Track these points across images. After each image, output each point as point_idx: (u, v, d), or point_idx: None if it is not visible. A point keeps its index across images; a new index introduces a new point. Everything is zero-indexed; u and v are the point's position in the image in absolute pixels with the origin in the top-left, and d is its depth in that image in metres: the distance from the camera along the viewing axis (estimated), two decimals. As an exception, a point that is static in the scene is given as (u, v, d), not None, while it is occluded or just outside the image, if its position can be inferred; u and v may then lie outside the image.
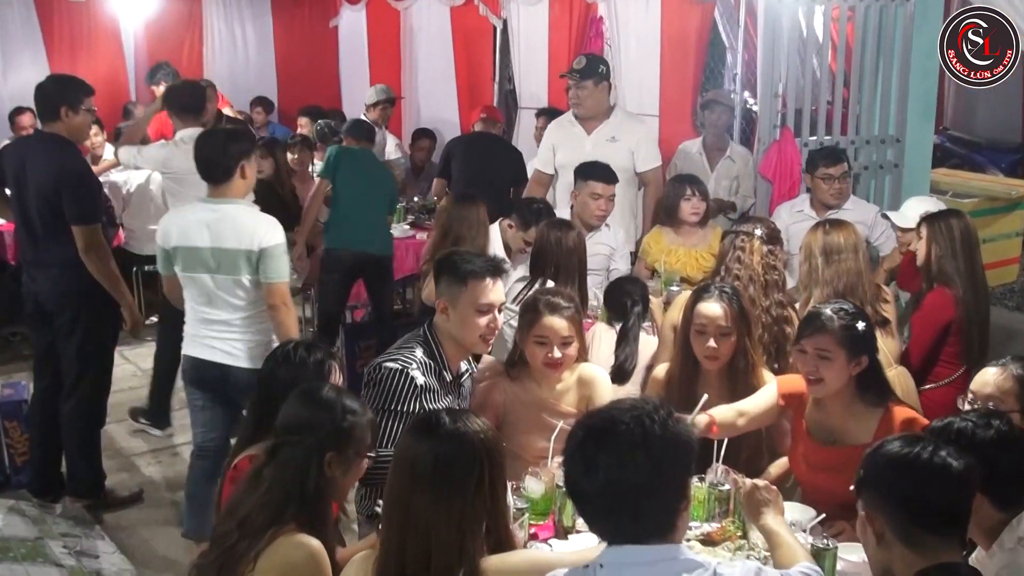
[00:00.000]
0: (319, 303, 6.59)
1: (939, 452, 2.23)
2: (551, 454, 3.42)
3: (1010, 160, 10.11)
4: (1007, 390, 3.17)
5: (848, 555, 2.92)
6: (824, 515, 3.11)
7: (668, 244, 5.65)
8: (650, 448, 2.04)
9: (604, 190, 5.42)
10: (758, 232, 4.39)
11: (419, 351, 3.54)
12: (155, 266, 4.67)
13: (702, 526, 3.19)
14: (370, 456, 2.81)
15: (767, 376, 3.79)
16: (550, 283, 4.58)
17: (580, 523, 3.13)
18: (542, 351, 3.65)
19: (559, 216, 5.37)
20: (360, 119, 7.73)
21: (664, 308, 4.89)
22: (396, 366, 3.47)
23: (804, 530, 3.03)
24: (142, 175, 7.23)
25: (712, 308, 3.70)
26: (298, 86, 10.66)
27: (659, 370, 3.99)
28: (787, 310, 4.30)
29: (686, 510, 2.14)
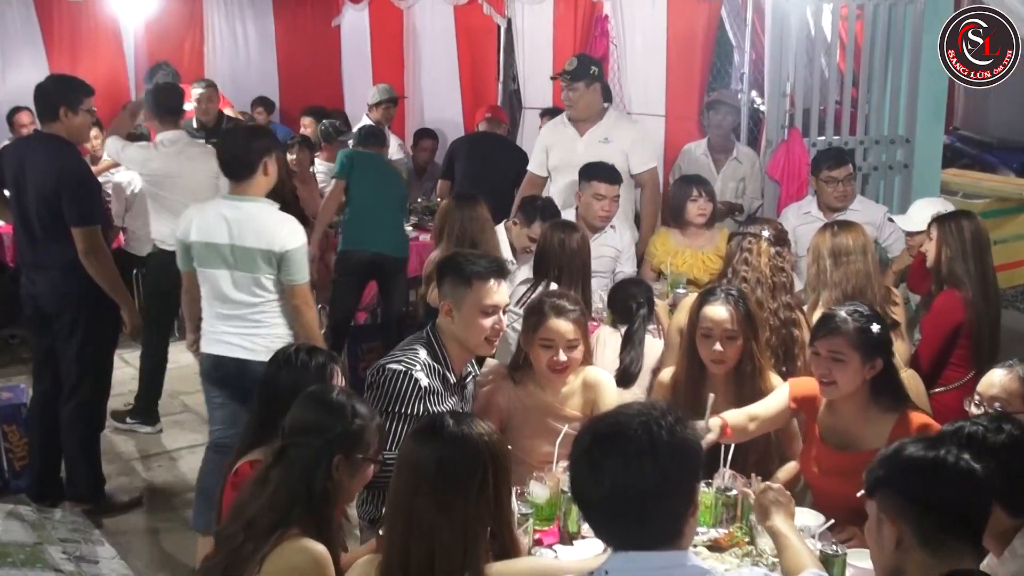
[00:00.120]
0: (332, 305, 6.56)
1: (962, 456, 2.20)
2: (556, 459, 3.39)
3: (1021, 160, 10.06)
4: (1013, 391, 3.17)
5: (857, 561, 2.89)
6: (833, 520, 3.08)
7: (674, 246, 5.61)
8: (657, 454, 2.01)
9: (607, 190, 5.38)
10: (765, 234, 4.35)
11: (423, 353, 3.52)
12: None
13: (709, 532, 3.16)
14: (377, 461, 2.79)
15: (775, 380, 3.76)
16: (553, 286, 4.54)
17: (585, 529, 3.08)
18: (547, 354, 3.62)
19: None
20: (372, 126, 7.70)
21: (670, 311, 4.86)
22: (400, 368, 3.45)
23: (813, 536, 3.00)
24: None
25: (718, 311, 3.66)
26: (300, 86, 10.62)
27: (665, 374, 3.96)
28: (795, 313, 4.26)
29: (693, 516, 2.11)
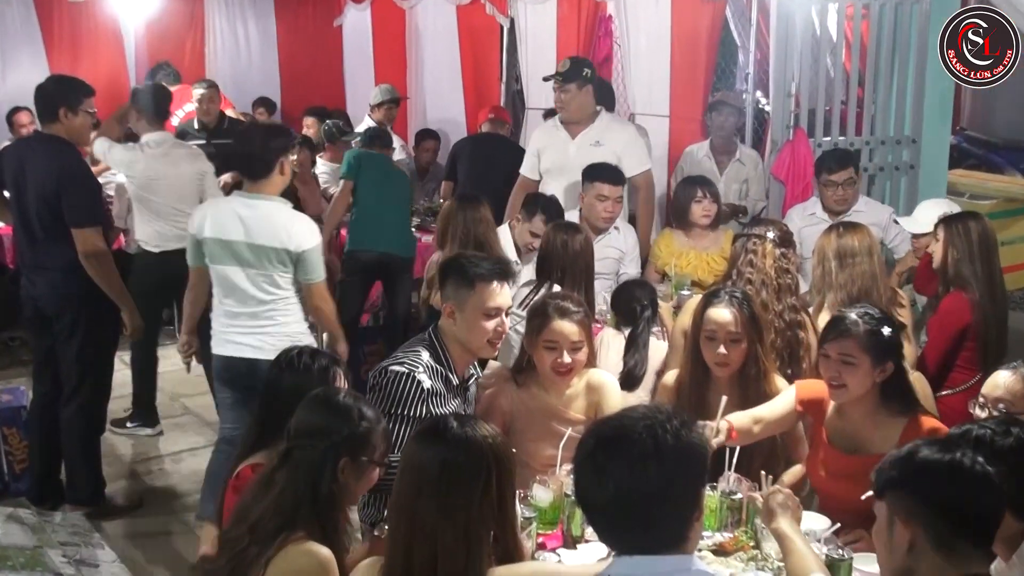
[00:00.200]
0: (339, 306, 6.51)
1: (977, 459, 2.17)
2: (559, 462, 3.37)
3: (1029, 161, 10.00)
4: (1018, 393, 3.15)
5: (864, 566, 2.88)
6: (839, 524, 3.06)
7: (679, 247, 5.60)
8: (662, 458, 2.00)
9: (611, 191, 5.36)
10: (770, 235, 4.33)
11: (425, 355, 3.50)
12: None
13: (714, 536, 3.15)
14: (383, 464, 2.78)
15: (780, 382, 3.74)
16: (556, 287, 4.53)
17: (589, 533, 3.08)
18: (551, 356, 3.60)
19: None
20: (378, 128, 7.67)
21: (674, 312, 4.84)
22: (402, 369, 3.43)
23: (819, 540, 2.98)
24: None
25: (722, 314, 3.64)
26: (302, 86, 10.59)
27: (669, 376, 3.94)
28: (800, 315, 4.24)
29: (699, 520, 2.11)
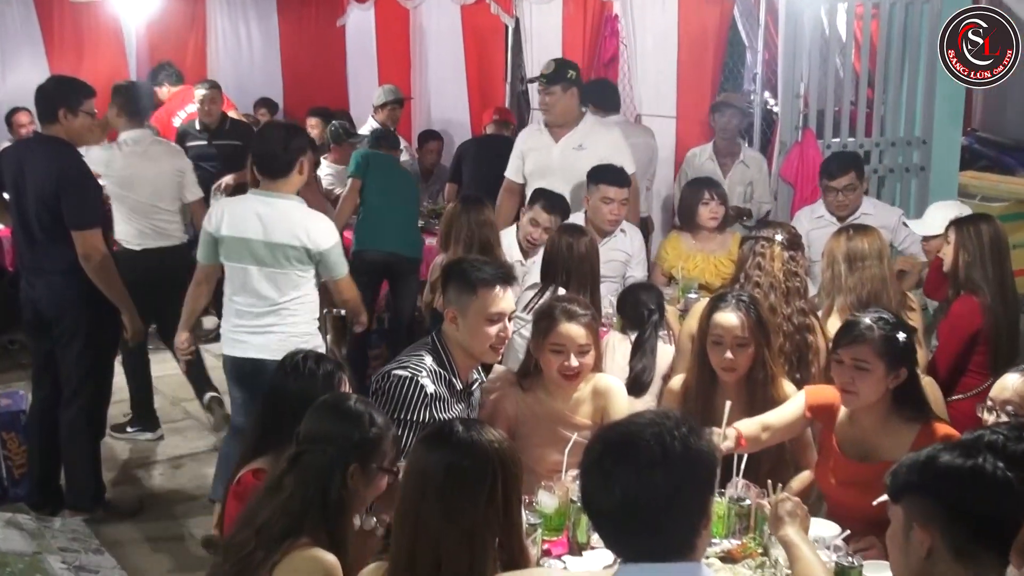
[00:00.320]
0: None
1: (999, 465, 2.13)
2: (565, 468, 3.34)
3: (1042, 163, 9.92)
4: None
5: (874, 573, 2.85)
6: (849, 531, 3.03)
7: (686, 250, 5.58)
8: (670, 465, 1.97)
9: (616, 194, 5.32)
10: (778, 238, 4.29)
11: (428, 359, 3.50)
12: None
13: (722, 543, 3.13)
14: (392, 471, 2.76)
15: (788, 387, 3.71)
16: (561, 291, 4.48)
17: (595, 539, 3.06)
18: (558, 360, 3.57)
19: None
20: (385, 129, 7.64)
21: (681, 316, 4.82)
22: (405, 374, 3.43)
23: (828, 547, 2.95)
24: None
25: (728, 318, 3.61)
26: (304, 87, 10.57)
27: (675, 381, 3.91)
28: (809, 318, 4.20)
29: (706, 528, 2.07)
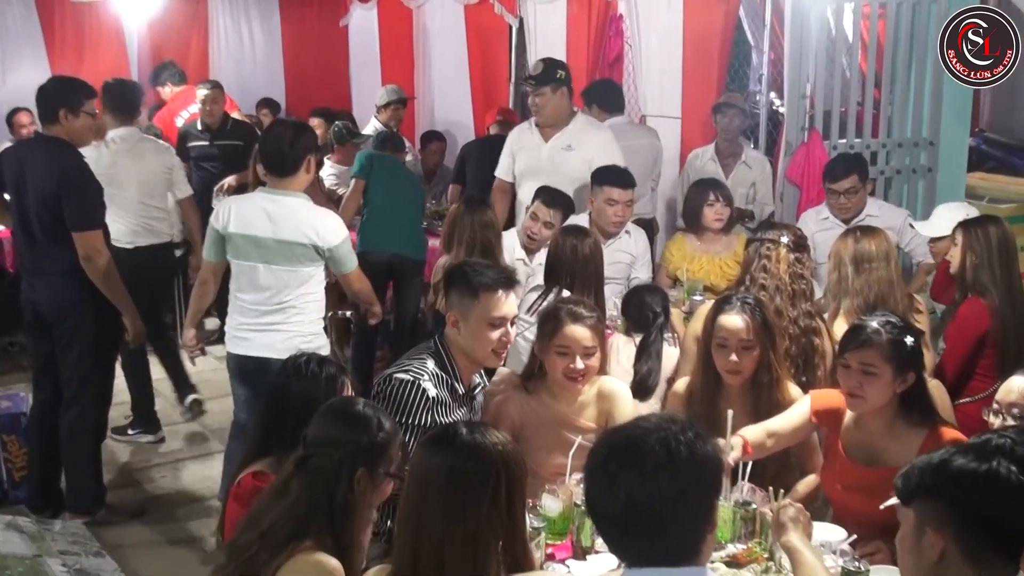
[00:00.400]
0: (354, 309, 6.48)
1: (1013, 469, 2.08)
2: (569, 471, 3.32)
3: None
4: None
5: None
6: (855, 536, 3.01)
7: (691, 251, 5.55)
8: (675, 470, 1.96)
9: (620, 195, 5.30)
10: (784, 240, 4.26)
11: (430, 363, 3.49)
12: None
13: (727, 547, 3.10)
14: (399, 477, 2.73)
15: (793, 390, 3.68)
16: (565, 293, 4.48)
17: (599, 544, 3.04)
18: (563, 362, 3.55)
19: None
20: (390, 131, 7.62)
21: (686, 318, 4.80)
22: (407, 377, 3.43)
23: (834, 551, 2.93)
24: None
25: (733, 321, 3.58)
26: (307, 87, 10.56)
27: (679, 384, 3.88)
28: (815, 321, 4.18)
29: (712, 533, 2.06)
